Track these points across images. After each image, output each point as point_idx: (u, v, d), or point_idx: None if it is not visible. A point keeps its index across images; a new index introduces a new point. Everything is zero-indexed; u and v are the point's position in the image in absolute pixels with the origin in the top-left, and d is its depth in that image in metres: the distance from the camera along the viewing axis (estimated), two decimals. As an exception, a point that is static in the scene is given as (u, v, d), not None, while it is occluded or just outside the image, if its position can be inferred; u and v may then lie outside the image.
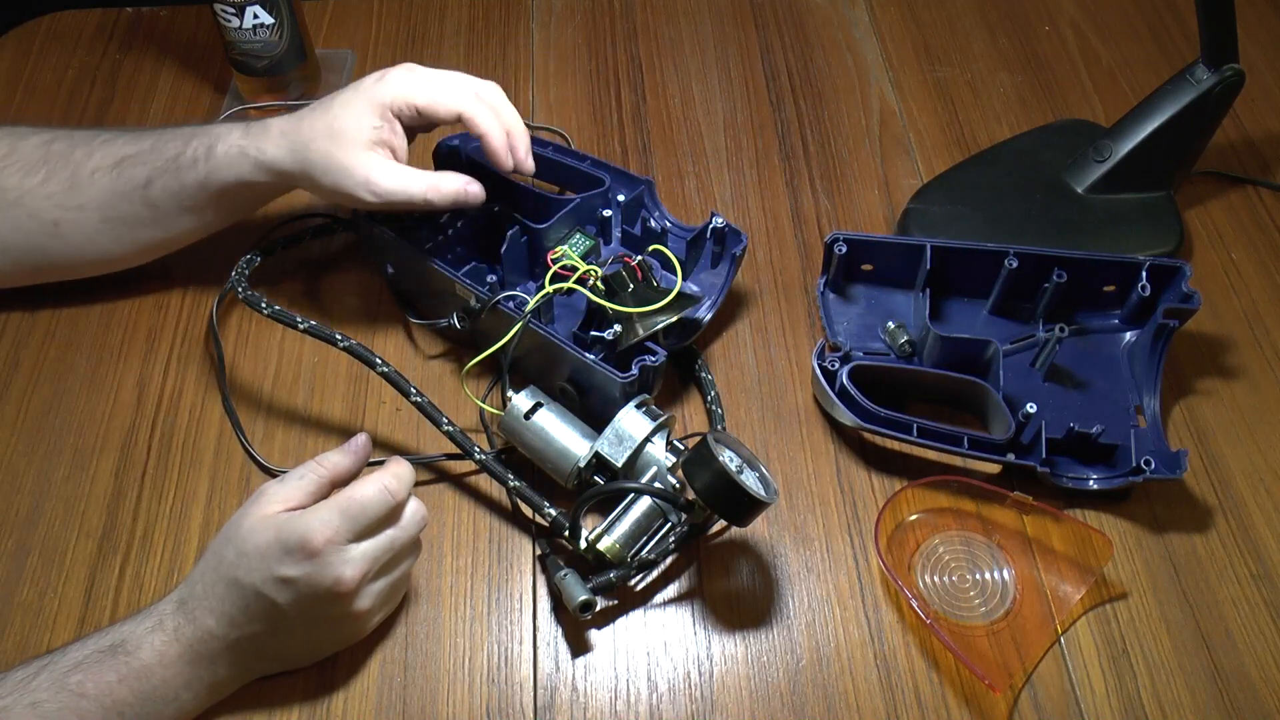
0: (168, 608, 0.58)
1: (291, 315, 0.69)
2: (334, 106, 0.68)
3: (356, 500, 0.57)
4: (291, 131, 0.69)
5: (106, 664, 0.55)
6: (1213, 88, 0.76)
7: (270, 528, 0.56)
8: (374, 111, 0.67)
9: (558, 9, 1.02)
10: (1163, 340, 0.71)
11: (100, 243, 0.73)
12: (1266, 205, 0.87)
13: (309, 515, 0.56)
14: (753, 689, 0.63)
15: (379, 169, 0.67)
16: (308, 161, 0.68)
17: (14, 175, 0.71)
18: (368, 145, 0.67)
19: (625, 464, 0.65)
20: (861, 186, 0.88)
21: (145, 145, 0.72)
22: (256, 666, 0.60)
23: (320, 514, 0.56)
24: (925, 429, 0.68)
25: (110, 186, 0.71)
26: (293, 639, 0.59)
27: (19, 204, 0.71)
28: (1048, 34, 1.01)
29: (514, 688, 0.63)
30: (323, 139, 0.67)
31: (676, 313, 0.69)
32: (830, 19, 1.02)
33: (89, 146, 0.72)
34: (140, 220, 0.73)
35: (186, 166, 0.70)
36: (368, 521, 0.58)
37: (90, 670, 0.55)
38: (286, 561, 0.56)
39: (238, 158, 0.69)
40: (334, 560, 0.56)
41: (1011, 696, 0.62)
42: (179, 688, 0.57)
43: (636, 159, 0.89)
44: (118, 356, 0.77)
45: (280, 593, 0.56)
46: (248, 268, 0.74)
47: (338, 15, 1.01)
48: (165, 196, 0.71)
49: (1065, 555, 0.67)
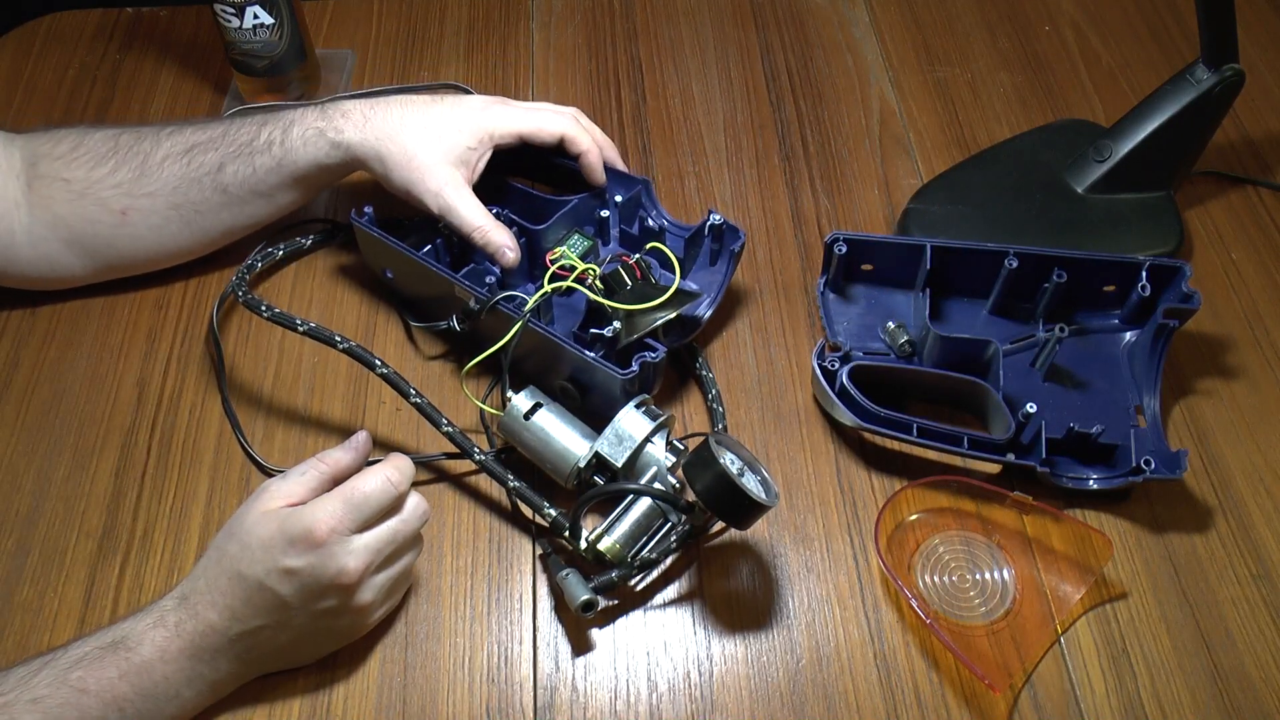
0: (169, 604, 0.58)
1: (291, 317, 0.69)
2: (433, 111, 0.71)
3: (360, 491, 0.58)
4: (376, 119, 0.71)
5: (108, 660, 0.55)
6: (1213, 88, 0.76)
7: (274, 521, 0.57)
8: (474, 135, 0.71)
9: (558, 9, 1.03)
10: (1163, 340, 0.71)
11: (168, 231, 0.75)
12: (1266, 205, 0.87)
13: (313, 507, 0.57)
14: (753, 689, 0.63)
15: (453, 186, 0.70)
16: (386, 153, 0.70)
17: (82, 167, 0.72)
18: (453, 161, 0.70)
19: (625, 464, 0.65)
20: (861, 186, 0.88)
21: (215, 132, 0.73)
22: (258, 663, 0.60)
23: (324, 505, 0.57)
24: (925, 429, 0.68)
25: (181, 173, 0.72)
26: (295, 633, 0.59)
27: (86, 194, 0.72)
28: (1048, 34, 1.01)
29: (514, 687, 0.63)
30: (410, 138, 0.69)
31: (675, 308, 0.69)
32: (830, 19, 1.02)
33: (156, 137, 0.73)
34: (210, 206, 0.74)
35: (261, 150, 0.72)
36: (371, 512, 0.58)
37: (91, 666, 0.55)
38: (290, 553, 0.56)
39: (315, 139, 0.71)
40: (338, 551, 0.57)
41: (1011, 696, 0.62)
42: (180, 684, 0.57)
43: (636, 159, 0.89)
44: (118, 356, 0.77)
45: (284, 584, 0.56)
46: (248, 272, 0.74)
47: (338, 15, 1.02)
48: (237, 181, 0.73)
49: (1065, 555, 0.67)
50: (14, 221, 0.72)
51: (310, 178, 0.74)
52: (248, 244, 0.79)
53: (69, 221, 0.73)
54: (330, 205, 0.85)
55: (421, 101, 0.72)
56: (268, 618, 0.57)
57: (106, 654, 0.56)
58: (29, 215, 0.72)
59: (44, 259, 0.74)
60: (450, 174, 0.70)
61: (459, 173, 0.71)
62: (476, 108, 0.72)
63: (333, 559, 0.56)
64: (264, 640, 0.58)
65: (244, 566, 0.57)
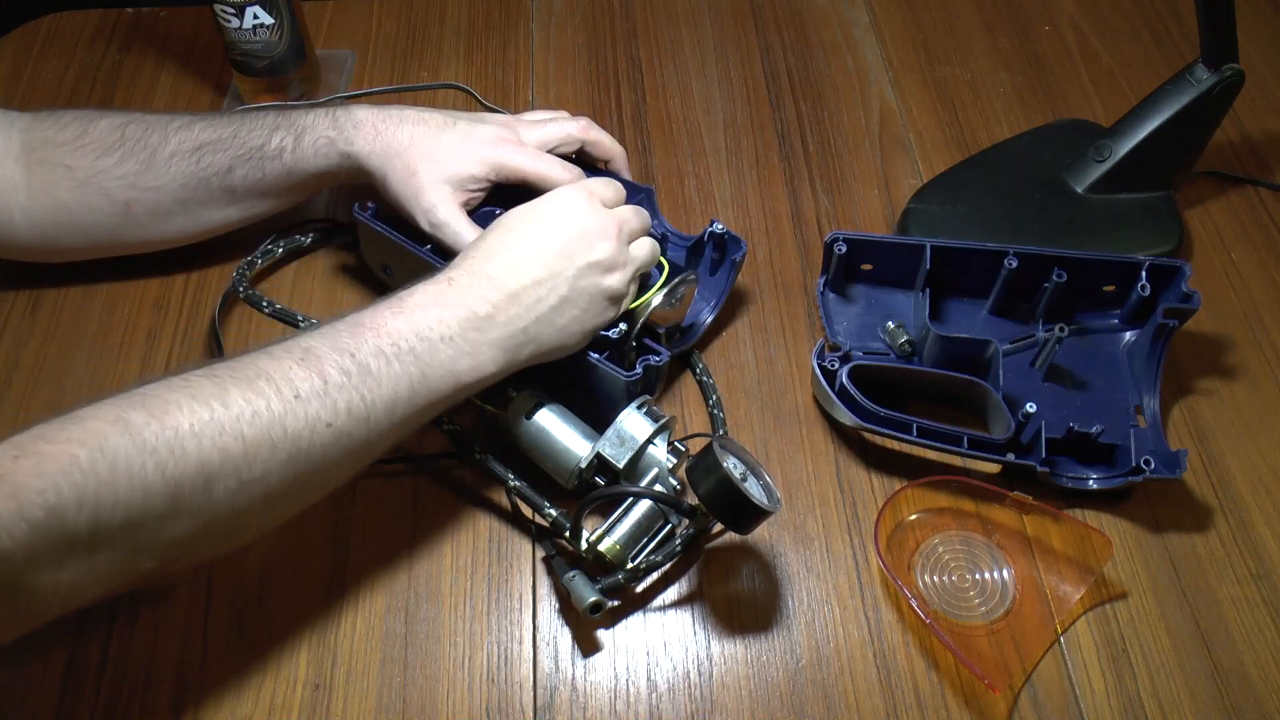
0: (441, 271, 0.61)
1: (293, 314, 0.69)
2: (444, 137, 0.72)
3: (607, 181, 0.68)
4: (387, 134, 0.71)
5: (380, 304, 0.59)
6: (1213, 88, 0.76)
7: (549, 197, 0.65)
8: (481, 166, 0.71)
9: (558, 9, 1.03)
10: (1162, 340, 0.71)
11: (170, 222, 0.75)
12: (1266, 205, 0.87)
13: (584, 182, 0.67)
14: (752, 689, 0.63)
15: (443, 205, 0.70)
16: (390, 169, 0.71)
17: (87, 156, 0.72)
18: (454, 185, 0.70)
19: (627, 465, 0.65)
20: (861, 186, 0.88)
21: (225, 133, 0.73)
22: (526, 336, 0.61)
23: (591, 180, 0.67)
24: (925, 429, 0.68)
25: (189, 171, 0.73)
26: (570, 292, 0.62)
27: (90, 183, 0.72)
28: (1048, 34, 1.01)
29: (514, 687, 0.63)
30: (416, 157, 0.70)
31: (668, 285, 0.69)
32: (830, 19, 1.02)
33: (164, 131, 0.73)
34: (215, 203, 0.75)
35: (271, 157, 0.73)
36: (617, 195, 0.68)
37: (365, 310, 0.58)
38: (576, 203, 0.64)
39: (326, 148, 0.72)
40: (602, 209, 0.64)
41: (1011, 696, 0.62)
42: (454, 329, 0.58)
43: (636, 159, 0.89)
44: (118, 356, 0.77)
45: (566, 229, 0.62)
46: (249, 269, 0.74)
47: (338, 15, 1.02)
48: (246, 184, 0.74)
49: (1065, 555, 0.67)
50: (11, 202, 0.72)
51: (316, 182, 0.76)
52: (246, 241, 0.79)
53: (70, 207, 0.73)
54: (330, 204, 0.85)
55: (435, 123, 0.72)
56: (546, 269, 0.61)
57: (380, 302, 0.59)
58: (27, 198, 0.72)
59: (42, 239, 0.74)
60: (444, 193, 0.70)
61: (456, 195, 0.71)
62: (489, 140, 0.72)
63: (600, 211, 0.64)
64: (539, 299, 0.61)
65: (527, 222, 0.63)
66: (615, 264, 0.64)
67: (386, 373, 0.56)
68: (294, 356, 0.54)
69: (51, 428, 0.47)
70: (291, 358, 0.54)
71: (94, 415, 0.48)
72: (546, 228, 0.63)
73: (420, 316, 0.58)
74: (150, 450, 0.48)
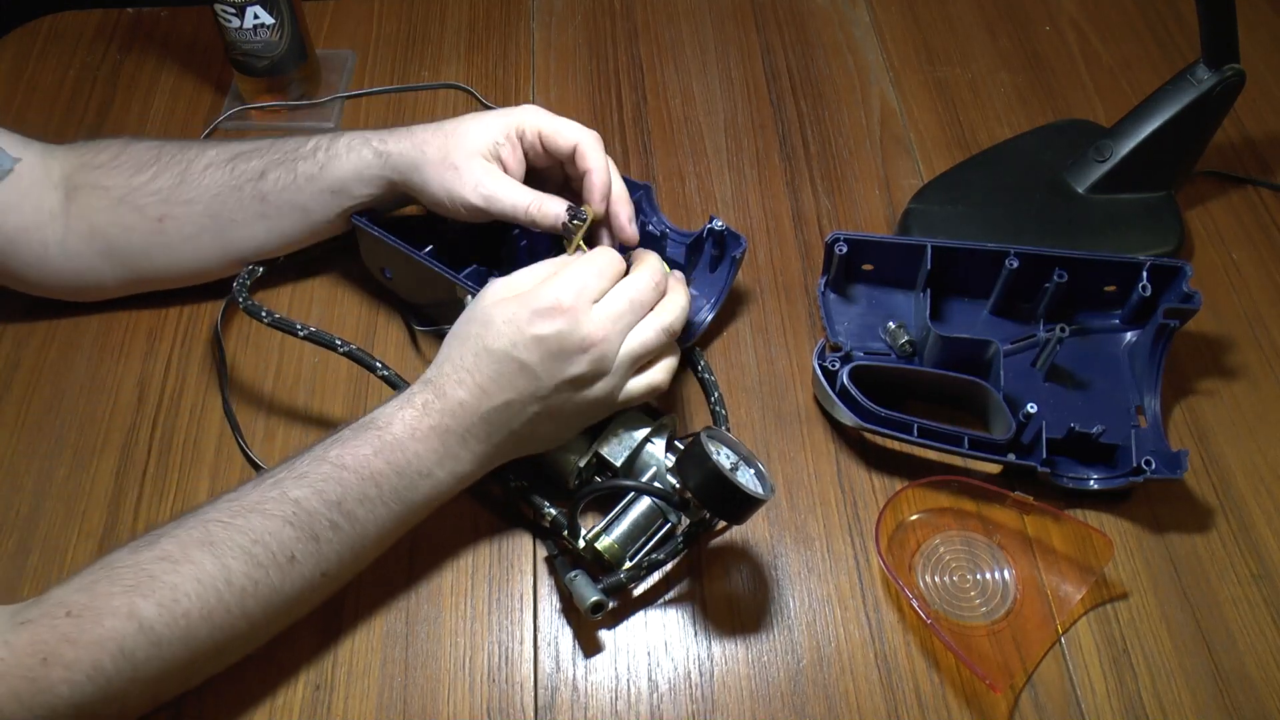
0: (415, 389, 0.61)
1: (291, 323, 0.69)
2: (460, 120, 0.72)
3: (591, 260, 0.63)
4: (419, 132, 0.72)
5: (362, 438, 0.60)
6: (1213, 88, 0.76)
7: (513, 300, 0.61)
8: (499, 130, 0.71)
9: (558, 9, 1.03)
10: (1163, 340, 0.71)
11: (201, 242, 0.75)
12: (1267, 205, 0.87)
13: (555, 279, 0.61)
14: (753, 689, 0.63)
15: (490, 174, 0.70)
16: (424, 158, 0.70)
17: (122, 174, 0.73)
18: (486, 155, 0.70)
19: (625, 463, 0.65)
20: (862, 186, 0.88)
21: (263, 144, 0.74)
22: (510, 445, 0.62)
23: (566, 275, 0.61)
24: (925, 429, 0.68)
25: (223, 180, 0.73)
26: (543, 407, 0.61)
27: (125, 201, 0.73)
28: (1048, 34, 1.01)
29: (514, 687, 0.63)
30: (446, 140, 0.70)
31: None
32: (830, 19, 1.02)
33: (201, 147, 0.75)
34: (246, 216, 0.74)
35: (305, 157, 0.73)
36: (610, 279, 0.62)
37: (347, 445, 0.59)
38: (537, 321, 0.60)
39: (359, 146, 0.72)
40: (582, 317, 0.60)
41: (1012, 696, 0.62)
42: (431, 463, 0.60)
43: (637, 159, 0.89)
44: (118, 356, 0.77)
45: (531, 352, 0.60)
46: (249, 278, 0.74)
47: (338, 15, 1.02)
48: (277, 189, 0.73)
49: (1066, 555, 0.67)
50: (49, 233, 0.72)
51: (348, 189, 0.73)
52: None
53: (105, 231, 0.73)
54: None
55: (453, 120, 0.73)
56: (515, 391, 0.60)
57: (360, 433, 0.60)
58: (64, 227, 0.73)
59: (76, 271, 0.74)
60: (484, 166, 0.70)
61: (493, 165, 0.71)
62: (502, 111, 0.73)
63: (579, 323, 0.60)
64: (513, 416, 0.61)
65: (489, 341, 0.60)
66: (598, 374, 0.61)
67: (372, 517, 0.60)
68: (285, 514, 0.57)
69: (74, 626, 0.53)
70: (283, 515, 0.57)
71: (109, 610, 0.53)
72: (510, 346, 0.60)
73: (398, 455, 0.60)
74: (165, 643, 0.54)
